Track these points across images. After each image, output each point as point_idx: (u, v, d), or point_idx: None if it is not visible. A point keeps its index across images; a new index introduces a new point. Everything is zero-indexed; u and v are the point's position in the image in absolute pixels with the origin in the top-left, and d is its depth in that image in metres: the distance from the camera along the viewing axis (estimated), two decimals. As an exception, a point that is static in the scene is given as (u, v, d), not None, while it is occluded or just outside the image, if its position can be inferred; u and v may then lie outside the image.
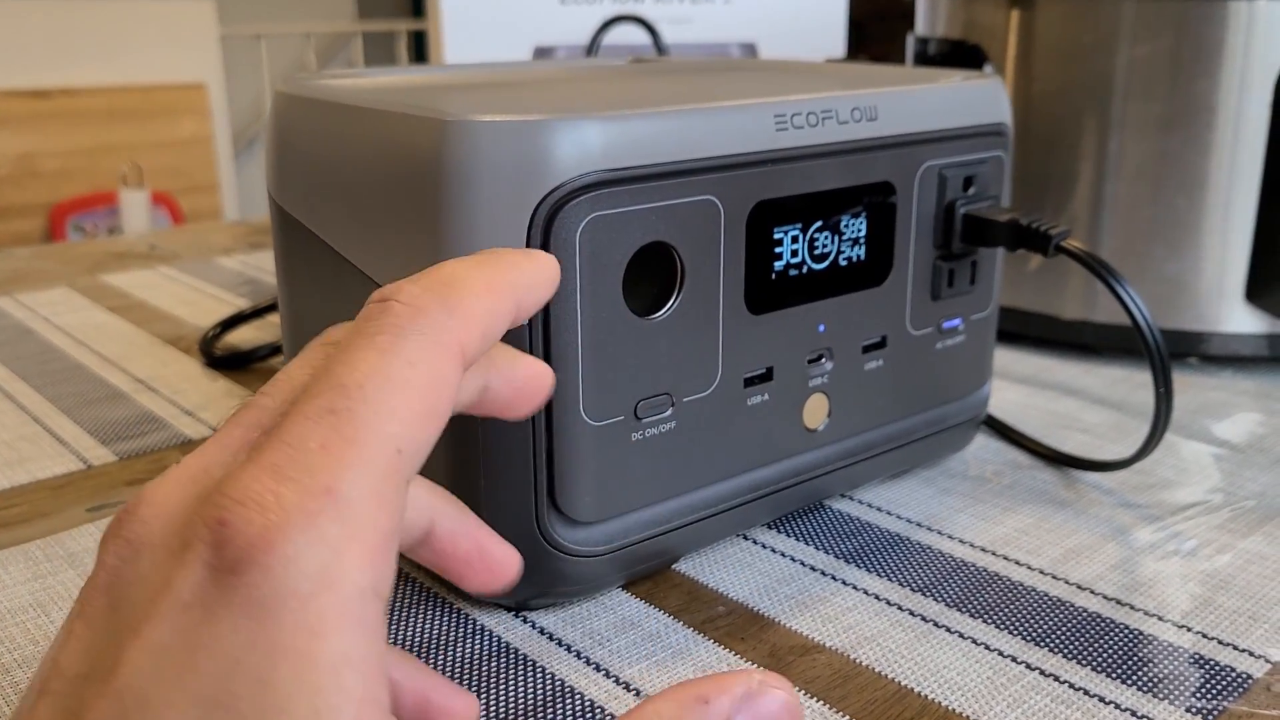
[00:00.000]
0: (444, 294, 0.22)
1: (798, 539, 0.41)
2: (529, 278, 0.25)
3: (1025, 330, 0.63)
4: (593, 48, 0.84)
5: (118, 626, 0.19)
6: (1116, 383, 0.58)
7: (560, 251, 0.32)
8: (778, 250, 0.37)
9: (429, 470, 0.35)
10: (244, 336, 0.66)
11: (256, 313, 0.66)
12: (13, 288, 0.79)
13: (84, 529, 0.43)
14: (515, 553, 0.27)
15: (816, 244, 0.38)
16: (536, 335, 0.33)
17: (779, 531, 0.42)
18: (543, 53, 0.87)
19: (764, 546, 0.41)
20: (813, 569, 0.39)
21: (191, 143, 2.70)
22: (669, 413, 0.36)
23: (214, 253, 0.90)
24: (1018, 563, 0.40)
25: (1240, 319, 0.58)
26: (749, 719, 0.21)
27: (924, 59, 0.68)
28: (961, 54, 0.65)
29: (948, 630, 0.36)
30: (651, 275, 0.35)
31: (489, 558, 0.27)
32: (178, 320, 0.70)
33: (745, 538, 0.41)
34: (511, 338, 0.32)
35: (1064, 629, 0.36)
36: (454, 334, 0.22)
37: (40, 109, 2.49)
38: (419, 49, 3.49)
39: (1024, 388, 0.57)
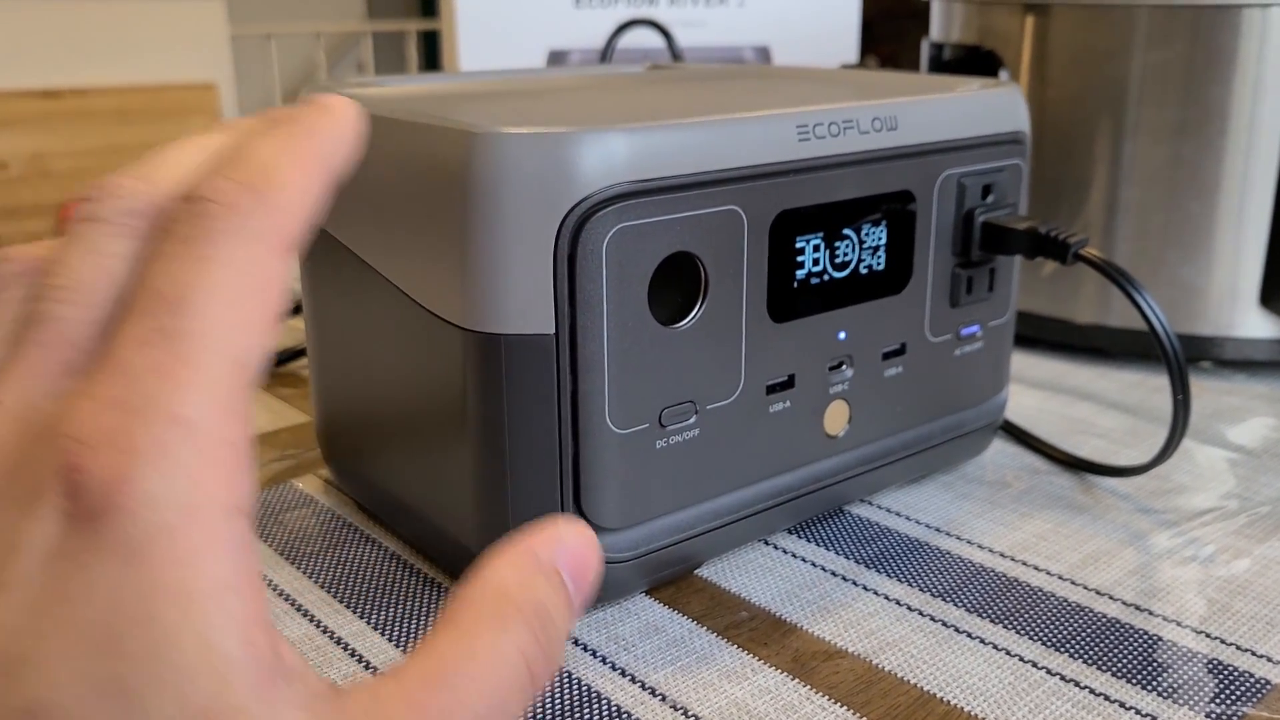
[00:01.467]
0: (258, 186, 0.21)
1: (818, 544, 0.42)
2: (335, 140, 0.23)
3: (1040, 335, 0.63)
4: (607, 52, 0.85)
5: None
6: (1131, 387, 0.58)
7: (587, 262, 0.33)
8: (800, 259, 0.38)
9: (454, 472, 0.36)
10: (263, 340, 0.66)
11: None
12: (32, 291, 0.79)
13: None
14: None
15: (838, 252, 0.39)
16: (564, 344, 0.33)
17: (800, 537, 0.42)
18: (557, 56, 0.87)
19: (785, 552, 0.41)
20: (834, 574, 0.40)
21: (201, 142, 2.70)
22: (693, 420, 0.36)
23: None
24: (1036, 568, 0.40)
25: (1254, 324, 0.59)
26: (566, 559, 0.23)
27: (939, 65, 0.68)
28: (976, 60, 0.65)
29: (969, 636, 0.36)
30: (676, 284, 0.35)
31: None
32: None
33: (767, 543, 0.42)
34: (538, 346, 0.33)
35: (1083, 634, 0.36)
36: (275, 228, 0.21)
37: (51, 109, 2.50)
38: (429, 49, 3.50)
39: (1039, 392, 0.57)
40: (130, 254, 0.21)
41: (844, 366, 0.40)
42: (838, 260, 0.39)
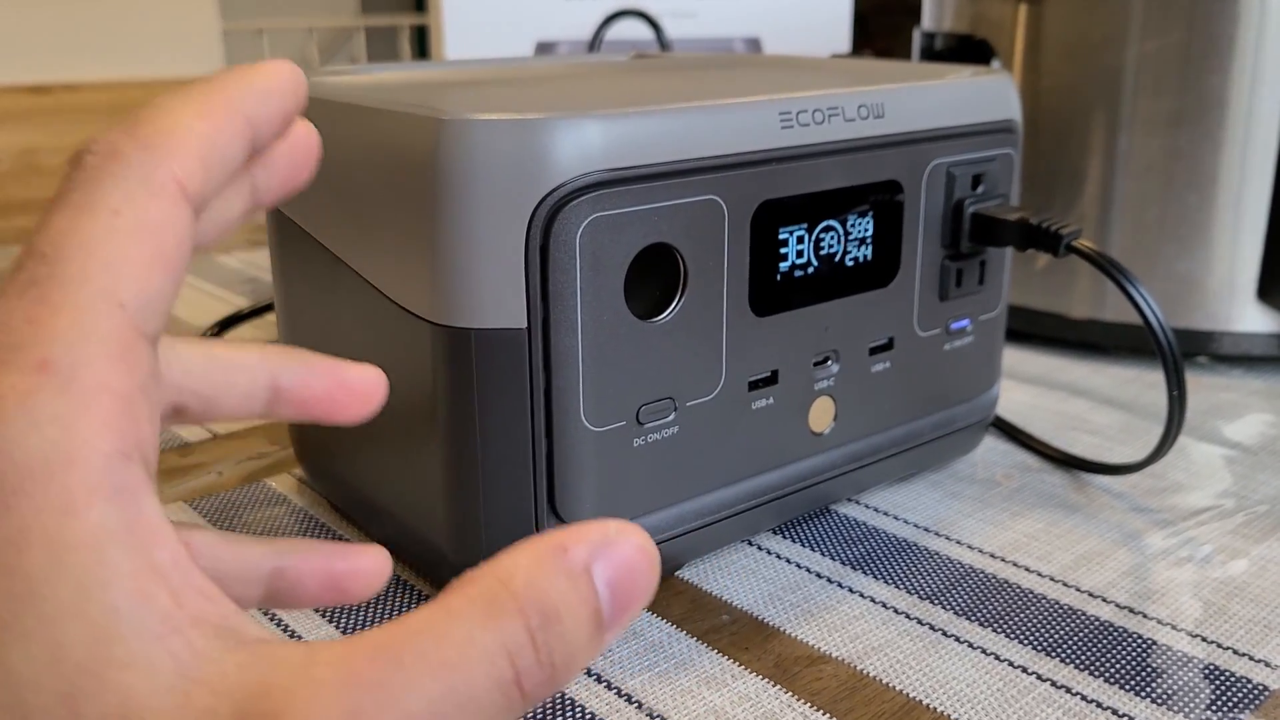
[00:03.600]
0: (141, 133, 0.20)
1: (803, 545, 0.41)
2: (257, 87, 0.22)
3: (1032, 329, 0.62)
4: (595, 43, 0.84)
5: None
6: (1126, 383, 0.57)
7: (561, 253, 0.31)
8: (783, 251, 0.36)
9: (425, 471, 0.34)
10: (242, 336, 0.65)
11: (255, 312, 0.65)
12: (10, 286, 0.78)
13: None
14: (378, 372, 0.26)
15: (822, 244, 0.37)
16: (536, 339, 0.32)
17: (784, 537, 0.41)
18: (545, 48, 0.86)
19: (769, 553, 0.40)
20: (819, 576, 0.39)
21: (193, 138, 2.69)
22: (672, 417, 0.35)
23: (213, 250, 0.89)
24: (1027, 569, 0.39)
25: (1251, 318, 0.58)
26: (606, 565, 0.19)
27: (931, 54, 0.67)
28: (969, 49, 0.64)
29: (956, 640, 0.35)
30: (654, 277, 0.34)
31: (350, 387, 0.25)
32: (175, 319, 0.70)
33: (750, 544, 0.41)
34: (509, 340, 0.32)
35: (1075, 639, 0.35)
36: (162, 169, 0.20)
37: (42, 104, 2.49)
38: (422, 44, 3.48)
39: (1032, 388, 0.56)
40: None
41: (829, 362, 0.39)
42: (822, 252, 0.38)
